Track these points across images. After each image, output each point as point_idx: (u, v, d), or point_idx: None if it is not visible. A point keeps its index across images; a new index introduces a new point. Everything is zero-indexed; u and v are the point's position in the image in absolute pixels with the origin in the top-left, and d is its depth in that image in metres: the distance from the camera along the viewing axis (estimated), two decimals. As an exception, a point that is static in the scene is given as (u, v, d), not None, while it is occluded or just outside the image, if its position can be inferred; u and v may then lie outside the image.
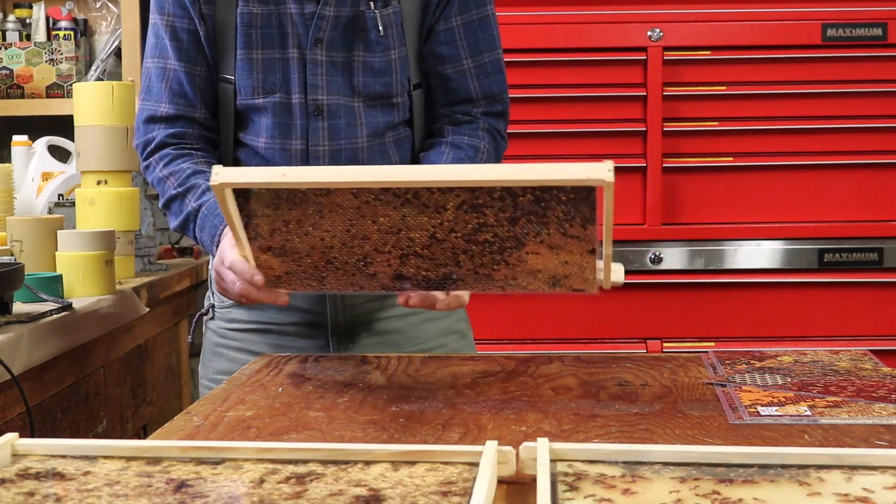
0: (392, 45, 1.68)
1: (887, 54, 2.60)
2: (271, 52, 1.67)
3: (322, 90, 1.67)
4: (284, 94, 1.68)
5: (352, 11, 1.65)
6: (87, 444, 1.01)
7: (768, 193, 2.65)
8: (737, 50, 2.61)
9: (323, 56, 1.66)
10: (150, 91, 1.73)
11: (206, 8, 1.68)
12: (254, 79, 1.68)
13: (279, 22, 1.66)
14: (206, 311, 1.81)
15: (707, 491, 0.89)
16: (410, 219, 1.32)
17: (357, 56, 1.68)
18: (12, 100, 3.04)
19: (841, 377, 1.45)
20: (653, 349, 2.60)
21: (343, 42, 1.67)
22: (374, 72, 1.68)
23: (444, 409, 1.30)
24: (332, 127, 1.68)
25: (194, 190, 1.65)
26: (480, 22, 1.73)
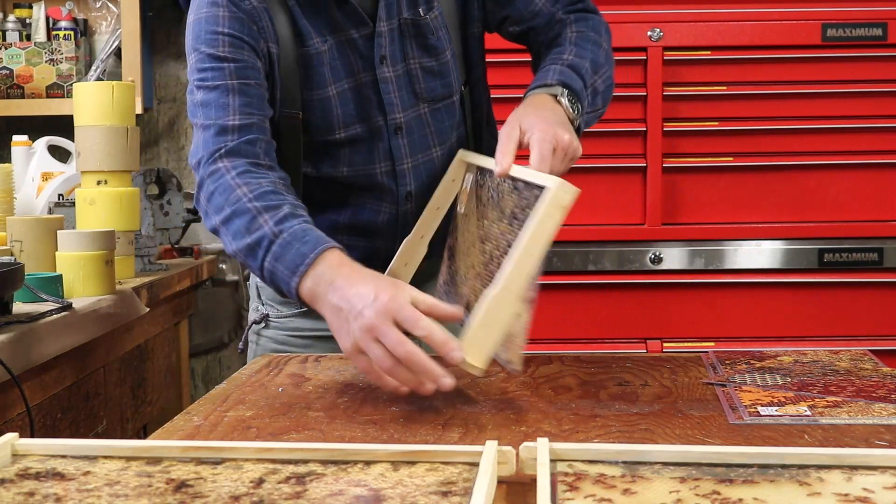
0: (445, 46, 1.69)
1: (887, 54, 2.60)
2: (342, 84, 1.64)
3: (397, 107, 1.66)
4: (364, 121, 1.65)
5: (398, 21, 1.65)
6: (87, 444, 1.01)
7: (768, 193, 2.64)
8: (737, 50, 2.61)
9: (390, 73, 1.65)
10: (210, 108, 1.52)
11: (272, 47, 1.58)
12: (335, 115, 1.63)
13: (342, 52, 1.63)
14: (260, 320, 1.76)
15: (707, 491, 0.89)
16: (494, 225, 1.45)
17: (413, 63, 1.67)
18: (12, 100, 3.04)
19: (841, 377, 1.45)
20: (653, 349, 2.60)
21: (401, 53, 1.66)
22: (434, 74, 1.68)
23: (444, 409, 1.30)
24: (412, 142, 1.68)
25: (273, 211, 1.41)
26: None
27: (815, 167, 2.63)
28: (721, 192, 2.65)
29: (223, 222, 1.45)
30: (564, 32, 1.71)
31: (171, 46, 3.17)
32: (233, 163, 1.48)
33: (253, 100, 1.53)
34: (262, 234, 1.40)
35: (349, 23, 1.62)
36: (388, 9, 1.64)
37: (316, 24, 1.61)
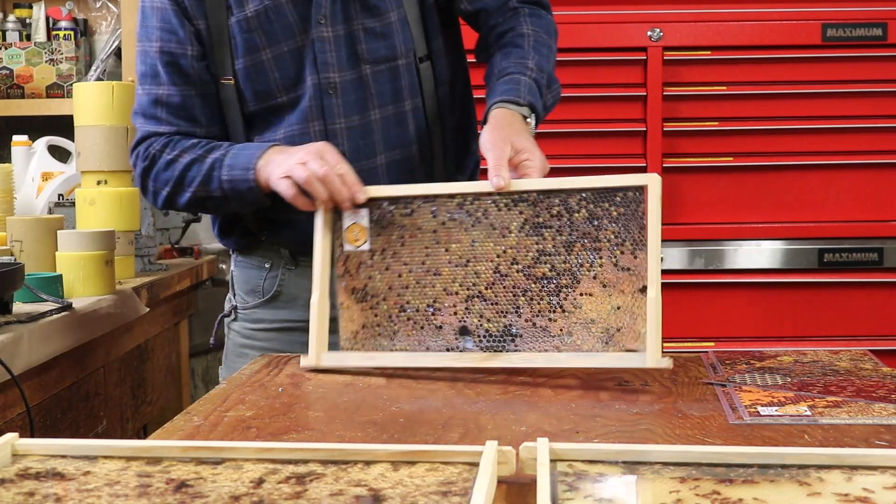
0: (390, 8, 1.69)
1: (887, 54, 2.60)
2: (278, 46, 1.66)
3: (332, 67, 1.67)
4: (302, 82, 1.67)
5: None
6: (87, 444, 1.01)
7: (768, 193, 2.64)
8: (737, 50, 2.61)
9: (328, 32, 1.66)
10: (146, 115, 1.69)
11: (199, 23, 1.66)
12: (271, 79, 1.66)
13: (277, 14, 1.64)
14: (228, 312, 1.81)
15: (707, 491, 0.89)
16: (479, 245, 1.49)
17: (356, 24, 1.67)
18: (12, 100, 3.04)
19: (841, 377, 1.45)
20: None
21: (342, 14, 1.67)
22: (376, 35, 1.68)
23: (444, 409, 1.30)
24: (347, 103, 1.68)
25: (218, 147, 1.63)
26: None
27: (815, 167, 2.63)
28: (721, 192, 2.65)
29: (177, 183, 1.65)
30: (520, 27, 1.71)
31: (171, 46, 3.16)
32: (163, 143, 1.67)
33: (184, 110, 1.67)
34: (213, 160, 1.61)
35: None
36: None
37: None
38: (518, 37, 1.70)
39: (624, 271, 1.46)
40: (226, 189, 1.60)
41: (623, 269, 1.46)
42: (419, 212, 1.51)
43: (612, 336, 1.45)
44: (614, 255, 1.46)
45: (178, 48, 1.66)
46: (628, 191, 1.46)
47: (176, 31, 1.66)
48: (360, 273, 1.52)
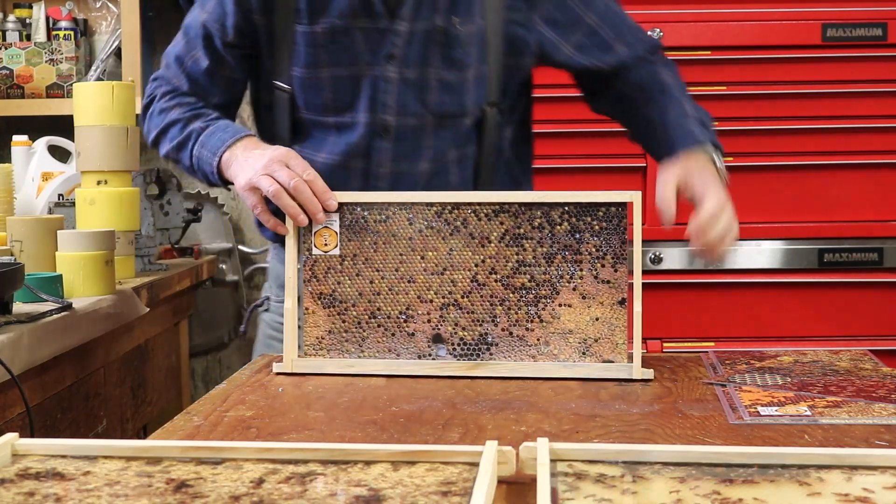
0: (471, 63, 1.61)
1: (887, 54, 2.60)
2: (340, 69, 1.61)
3: (391, 109, 1.61)
4: (352, 113, 1.62)
5: (428, 25, 1.58)
6: (87, 444, 1.01)
7: (768, 193, 2.64)
8: (737, 50, 2.61)
9: (395, 73, 1.60)
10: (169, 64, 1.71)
11: (257, 18, 1.63)
12: (323, 97, 1.62)
13: (347, 37, 1.59)
14: (261, 302, 1.81)
15: (707, 491, 0.89)
16: (456, 254, 1.49)
17: (433, 73, 1.61)
18: (12, 100, 3.04)
19: (841, 377, 1.45)
20: (653, 349, 2.60)
21: (419, 58, 1.60)
22: (449, 90, 1.62)
23: (444, 409, 1.30)
24: (398, 149, 1.64)
25: (205, 116, 1.64)
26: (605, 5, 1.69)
27: (815, 167, 2.63)
28: (721, 192, 2.65)
29: (160, 133, 1.69)
30: (660, 76, 1.69)
31: (171, 46, 3.16)
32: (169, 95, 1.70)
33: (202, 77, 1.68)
34: (191, 130, 1.63)
35: (362, 11, 1.58)
36: (415, 9, 1.57)
37: (323, 5, 1.58)
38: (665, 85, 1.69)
39: (604, 284, 1.48)
40: (193, 163, 1.63)
41: (603, 281, 1.48)
42: (394, 218, 1.50)
43: (590, 346, 1.48)
44: (595, 268, 1.48)
45: (219, 31, 1.64)
46: (611, 206, 1.47)
47: (226, 15, 1.63)
48: (328, 278, 1.51)
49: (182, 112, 1.66)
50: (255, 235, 3.20)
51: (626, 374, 1.45)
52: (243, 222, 3.20)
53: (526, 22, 1.63)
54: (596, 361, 1.47)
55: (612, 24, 1.68)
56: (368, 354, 1.51)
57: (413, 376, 1.47)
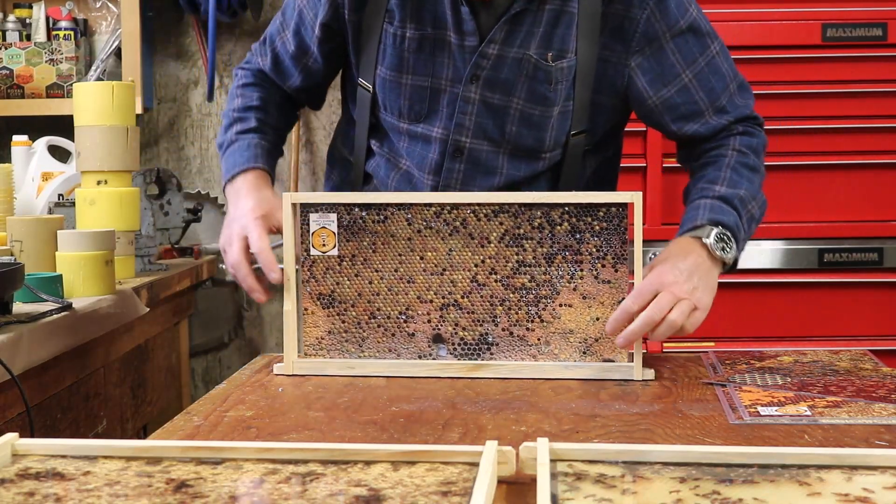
0: (557, 101, 1.58)
1: (887, 54, 2.60)
2: (422, 79, 1.59)
3: (468, 131, 1.59)
4: (427, 125, 1.61)
5: (519, 53, 1.55)
6: (87, 444, 1.01)
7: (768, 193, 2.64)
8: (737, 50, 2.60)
9: (477, 95, 1.57)
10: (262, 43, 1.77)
11: (348, 14, 1.62)
12: (401, 103, 1.61)
13: (434, 48, 1.57)
14: None
15: (707, 491, 0.89)
16: (456, 254, 1.48)
17: (516, 103, 1.58)
18: (12, 100, 3.04)
19: (841, 377, 1.45)
20: (653, 349, 2.60)
21: (504, 84, 1.57)
22: (530, 124, 1.58)
23: (444, 409, 1.30)
24: (469, 171, 1.62)
25: (243, 121, 1.72)
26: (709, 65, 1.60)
27: (815, 167, 2.63)
28: (721, 192, 2.65)
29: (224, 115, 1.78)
30: (726, 150, 1.60)
31: (170, 46, 3.17)
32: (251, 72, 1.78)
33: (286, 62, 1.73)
34: (224, 139, 1.73)
35: (454, 25, 1.55)
36: (508, 33, 1.54)
37: (415, 10, 1.56)
38: (718, 160, 1.60)
39: (604, 284, 1.48)
40: (221, 162, 1.74)
41: (604, 281, 1.48)
42: (393, 219, 1.49)
43: (590, 346, 1.48)
44: (595, 268, 1.48)
45: (311, 21, 1.66)
46: (612, 206, 1.47)
47: (318, 7, 1.64)
48: (327, 278, 1.51)
49: (235, 108, 1.75)
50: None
51: (627, 374, 1.45)
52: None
53: (619, 63, 1.58)
54: (596, 361, 1.47)
55: (709, 88, 1.60)
56: (368, 355, 1.51)
57: (414, 377, 1.47)
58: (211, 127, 3.17)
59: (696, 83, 1.60)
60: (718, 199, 1.54)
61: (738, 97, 1.63)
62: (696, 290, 1.44)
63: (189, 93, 3.17)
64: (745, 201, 1.55)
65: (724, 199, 1.54)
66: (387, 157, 1.68)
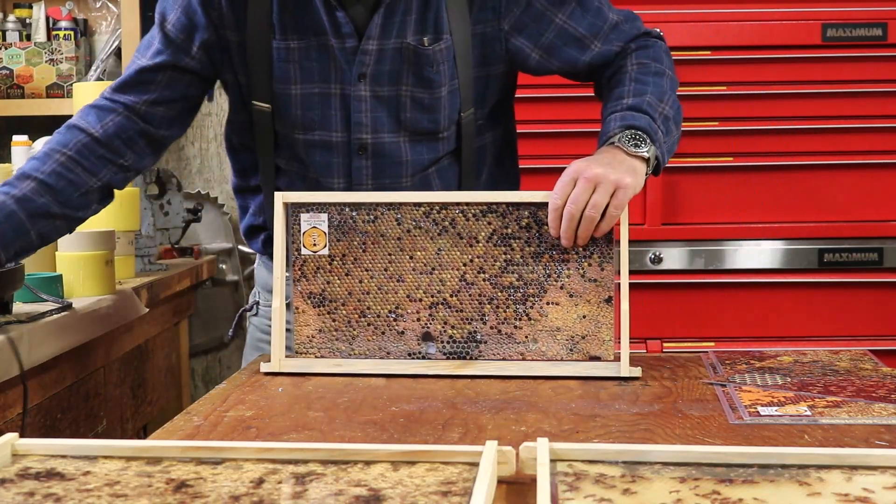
0: (443, 81, 1.62)
1: (887, 54, 2.60)
2: (310, 86, 1.61)
3: (366, 128, 1.62)
4: (324, 131, 1.63)
5: (397, 44, 1.59)
6: (87, 444, 1.01)
7: (768, 193, 2.64)
8: (737, 50, 2.61)
9: (367, 91, 1.61)
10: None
11: (232, 35, 1.62)
12: (293, 115, 1.62)
13: (319, 55, 1.60)
14: (251, 307, 1.84)
15: (707, 491, 0.89)
16: (445, 253, 1.50)
17: (405, 91, 1.62)
18: (12, 100, 3.04)
19: (841, 377, 1.45)
20: (653, 349, 2.60)
21: (389, 76, 1.61)
22: (423, 108, 1.62)
23: (444, 409, 1.30)
24: (377, 165, 1.64)
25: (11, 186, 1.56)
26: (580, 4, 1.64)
27: (815, 167, 2.63)
28: (721, 192, 2.65)
29: None
30: (624, 66, 1.63)
31: (171, 46, 3.16)
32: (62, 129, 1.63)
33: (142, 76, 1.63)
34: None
35: (332, 30, 1.59)
36: (383, 27, 1.59)
37: (294, 22, 1.59)
38: (621, 76, 1.62)
39: (591, 282, 1.49)
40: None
41: (590, 280, 1.49)
42: (383, 219, 1.51)
43: (577, 343, 1.49)
44: (582, 267, 1.49)
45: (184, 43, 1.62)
46: None
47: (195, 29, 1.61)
48: (318, 278, 1.52)
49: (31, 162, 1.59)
50: (255, 235, 3.20)
51: (615, 371, 1.46)
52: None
53: (494, 32, 1.63)
54: (583, 358, 1.49)
55: (587, 22, 1.64)
56: (359, 353, 1.51)
57: (404, 375, 1.48)
58: (211, 127, 3.17)
59: (572, 21, 1.64)
60: (627, 109, 1.56)
61: (624, 25, 1.67)
62: (612, 172, 1.45)
63: (189, 93, 3.17)
64: (654, 105, 1.57)
65: (632, 107, 1.56)
66: (295, 171, 1.68)
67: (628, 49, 1.66)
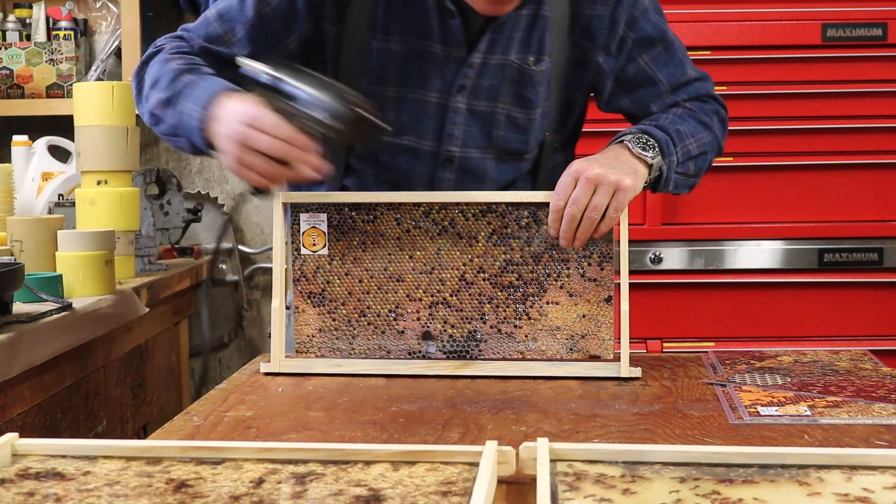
0: (539, 103, 1.60)
1: (887, 54, 2.60)
2: (406, 90, 1.56)
3: (457, 140, 1.59)
4: (414, 137, 1.59)
5: (501, 60, 1.55)
6: (87, 444, 1.01)
7: (768, 193, 2.64)
8: (737, 50, 2.61)
9: (464, 104, 1.57)
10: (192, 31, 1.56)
11: (330, 27, 1.54)
12: (384, 117, 1.51)
13: (420, 60, 1.55)
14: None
15: (707, 491, 0.89)
16: (444, 253, 1.50)
17: (501, 108, 1.58)
18: (12, 100, 3.04)
19: (841, 377, 1.45)
20: (653, 349, 2.60)
21: (489, 91, 1.57)
22: (516, 127, 1.59)
23: (444, 409, 1.30)
24: (459, 178, 1.61)
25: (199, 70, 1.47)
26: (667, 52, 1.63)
27: (815, 167, 2.63)
28: (721, 192, 2.65)
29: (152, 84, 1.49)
30: (675, 105, 1.63)
31: (171, 46, 3.16)
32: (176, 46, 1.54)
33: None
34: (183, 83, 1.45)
35: (441, 37, 1.53)
36: (492, 41, 1.54)
37: (400, 22, 1.53)
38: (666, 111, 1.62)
39: (590, 282, 1.50)
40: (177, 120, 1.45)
41: (590, 279, 1.50)
42: (382, 219, 1.51)
43: (577, 342, 1.50)
44: (581, 267, 1.50)
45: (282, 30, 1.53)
46: None
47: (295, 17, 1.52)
48: (318, 277, 1.52)
49: (180, 64, 1.49)
50: (254, 235, 3.20)
51: (615, 372, 1.46)
52: (243, 222, 3.20)
53: (586, 58, 1.61)
54: (583, 357, 1.49)
55: (667, 71, 1.63)
56: (359, 352, 1.52)
57: (404, 375, 1.48)
58: (211, 127, 3.17)
59: (653, 65, 1.63)
60: (651, 124, 1.56)
61: (698, 83, 1.67)
62: (613, 172, 1.45)
63: (189, 93, 3.17)
64: (682, 134, 1.57)
65: (658, 126, 1.56)
66: (370, 173, 1.64)
67: (683, 102, 1.65)
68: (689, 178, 1.60)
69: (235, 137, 1.32)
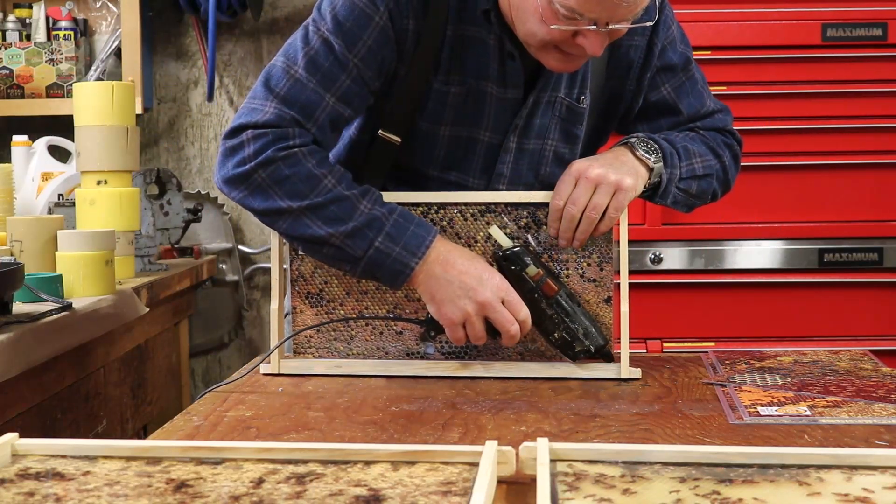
0: (581, 138, 1.60)
1: (887, 54, 2.60)
2: (459, 129, 1.54)
3: (505, 178, 1.58)
4: (462, 174, 1.57)
5: (550, 98, 1.55)
6: (87, 444, 1.01)
7: (768, 193, 2.64)
8: (737, 50, 2.61)
9: (514, 143, 1.56)
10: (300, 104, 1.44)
11: (401, 67, 1.49)
12: (435, 154, 1.54)
13: (476, 101, 1.53)
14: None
15: (707, 491, 0.89)
16: None
17: (549, 145, 1.58)
18: (12, 100, 3.04)
19: (841, 377, 1.45)
20: (653, 349, 2.60)
21: (539, 129, 1.56)
22: (562, 163, 1.56)
23: (444, 409, 1.30)
24: None
25: (368, 197, 1.42)
26: (690, 82, 1.64)
27: (815, 167, 2.63)
28: (721, 192, 2.65)
29: (310, 209, 1.40)
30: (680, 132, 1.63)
31: (170, 46, 3.17)
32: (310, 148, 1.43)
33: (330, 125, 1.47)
34: (371, 216, 1.40)
35: (498, 78, 1.51)
36: (546, 81, 1.53)
37: (462, 64, 1.50)
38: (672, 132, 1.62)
39: (590, 282, 1.50)
40: (370, 256, 1.41)
41: (589, 280, 1.50)
42: None
43: None
44: (581, 267, 1.50)
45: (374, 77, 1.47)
46: None
47: (383, 61, 1.47)
48: (315, 278, 1.52)
49: (342, 186, 1.42)
50: (254, 235, 3.20)
51: (615, 373, 1.46)
52: (243, 222, 3.20)
53: (620, 88, 1.61)
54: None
55: (687, 102, 1.64)
56: (357, 353, 1.52)
57: (402, 377, 1.48)
58: (210, 127, 3.17)
59: (675, 94, 1.63)
60: (661, 136, 1.56)
61: (716, 115, 1.67)
62: (613, 172, 1.45)
63: (189, 93, 3.17)
64: (689, 152, 1.56)
65: (668, 139, 1.56)
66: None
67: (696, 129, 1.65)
68: (690, 197, 1.59)
69: (481, 301, 1.40)
